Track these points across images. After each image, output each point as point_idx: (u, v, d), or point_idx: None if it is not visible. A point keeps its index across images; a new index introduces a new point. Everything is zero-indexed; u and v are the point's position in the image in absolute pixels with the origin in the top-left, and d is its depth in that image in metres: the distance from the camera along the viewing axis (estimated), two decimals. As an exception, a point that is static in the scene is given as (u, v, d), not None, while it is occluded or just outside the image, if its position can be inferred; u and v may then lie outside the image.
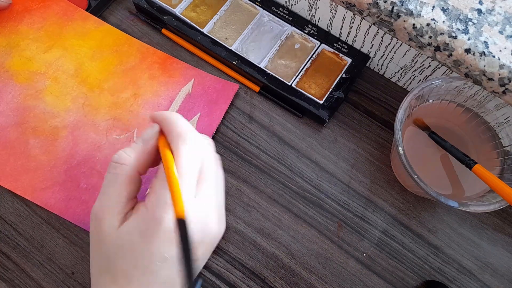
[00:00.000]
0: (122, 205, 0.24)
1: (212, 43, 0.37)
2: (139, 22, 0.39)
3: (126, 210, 0.24)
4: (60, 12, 0.37)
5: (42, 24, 0.37)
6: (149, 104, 0.35)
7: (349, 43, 0.37)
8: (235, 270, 0.31)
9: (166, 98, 0.36)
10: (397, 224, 0.33)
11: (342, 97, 0.35)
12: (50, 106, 0.34)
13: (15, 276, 0.31)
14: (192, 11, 0.38)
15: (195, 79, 0.36)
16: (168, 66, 0.37)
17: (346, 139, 0.36)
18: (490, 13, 0.28)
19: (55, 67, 0.36)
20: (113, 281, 0.24)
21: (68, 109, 0.35)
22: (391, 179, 0.34)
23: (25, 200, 0.32)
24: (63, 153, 0.33)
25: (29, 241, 0.32)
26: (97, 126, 0.34)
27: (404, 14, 0.28)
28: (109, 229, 0.24)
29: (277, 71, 0.36)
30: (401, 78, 0.37)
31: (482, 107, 0.32)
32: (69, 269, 0.31)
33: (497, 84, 0.27)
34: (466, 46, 0.27)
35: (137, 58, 0.37)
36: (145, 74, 0.36)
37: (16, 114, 0.34)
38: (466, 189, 0.31)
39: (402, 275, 0.32)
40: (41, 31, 0.36)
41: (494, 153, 0.31)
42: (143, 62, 0.36)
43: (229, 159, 0.35)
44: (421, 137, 0.32)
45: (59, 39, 0.36)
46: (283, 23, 0.38)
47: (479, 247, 0.33)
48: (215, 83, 0.36)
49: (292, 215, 0.33)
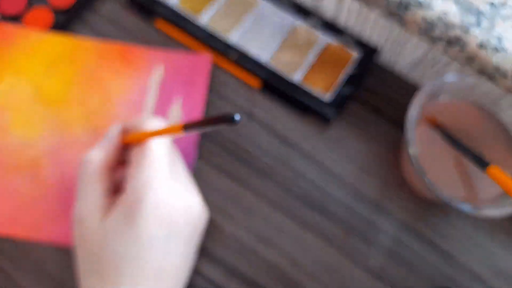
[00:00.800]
0: (100, 201, 0.26)
1: (209, 36, 0.37)
2: (131, 14, 0.39)
3: (105, 205, 0.26)
4: None
5: None
6: (123, 103, 0.35)
7: (356, 36, 0.37)
8: (233, 279, 0.32)
9: (140, 91, 0.36)
10: (407, 230, 0.33)
11: (348, 93, 0.35)
12: (22, 138, 0.34)
13: (3, 284, 0.31)
14: (189, 1, 0.38)
15: (163, 62, 0.36)
16: (129, 56, 0.36)
17: (353, 139, 0.36)
18: (503, 6, 0.28)
19: (12, 97, 0.35)
20: (102, 279, 0.24)
21: (41, 136, 0.34)
22: (400, 182, 0.35)
23: (11, 204, 0.32)
24: (53, 181, 0.33)
25: (18, 247, 0.31)
26: (79, 143, 0.34)
27: (414, 6, 0.28)
28: (92, 225, 0.25)
29: (280, 66, 0.36)
30: (411, 74, 0.37)
31: (496, 105, 0.32)
32: (58, 276, 0.31)
33: (511, 81, 0.27)
34: (478, 41, 0.27)
35: (94, 58, 0.36)
36: (108, 73, 0.36)
37: None
38: (480, 192, 0.31)
39: (412, 284, 0.32)
40: None
41: (509, 154, 0.31)
42: (102, 61, 0.36)
43: (228, 161, 0.35)
44: (432, 137, 0.32)
45: (7, 66, 0.35)
46: (286, 15, 0.38)
47: (492, 253, 0.33)
48: (185, 60, 0.36)
49: (295, 221, 0.33)
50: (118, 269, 0.24)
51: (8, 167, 0.33)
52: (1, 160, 0.33)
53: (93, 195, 0.26)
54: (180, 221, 0.26)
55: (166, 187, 0.25)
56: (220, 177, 0.34)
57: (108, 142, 0.28)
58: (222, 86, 0.37)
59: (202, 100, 0.35)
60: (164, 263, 0.25)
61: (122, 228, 0.24)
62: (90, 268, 0.25)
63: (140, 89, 0.36)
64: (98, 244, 0.25)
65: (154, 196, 0.24)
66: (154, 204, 0.24)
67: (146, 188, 0.24)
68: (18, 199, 0.32)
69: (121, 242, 0.24)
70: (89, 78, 0.36)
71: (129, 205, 0.25)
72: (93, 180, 0.26)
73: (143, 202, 0.24)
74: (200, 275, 0.31)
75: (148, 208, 0.24)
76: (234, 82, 0.37)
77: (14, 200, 0.32)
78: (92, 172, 0.26)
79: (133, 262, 0.24)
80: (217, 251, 0.32)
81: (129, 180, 0.25)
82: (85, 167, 0.27)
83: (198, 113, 0.35)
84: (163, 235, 0.25)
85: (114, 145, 0.28)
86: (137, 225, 0.24)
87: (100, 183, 0.26)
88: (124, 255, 0.24)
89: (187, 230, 0.27)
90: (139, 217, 0.24)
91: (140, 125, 0.27)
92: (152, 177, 0.25)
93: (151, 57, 0.36)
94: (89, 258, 0.25)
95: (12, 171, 0.33)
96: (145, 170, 0.25)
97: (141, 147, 0.26)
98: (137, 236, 0.24)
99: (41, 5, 0.37)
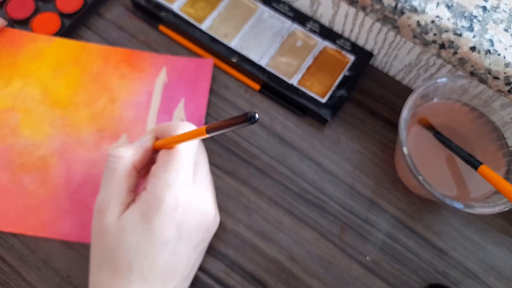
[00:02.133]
0: (123, 197, 0.26)
1: (211, 40, 0.37)
2: (136, 19, 0.39)
3: (127, 201, 0.26)
4: (7, 42, 0.36)
5: None
6: (129, 105, 0.36)
7: (352, 40, 0.38)
8: (234, 274, 0.32)
9: (144, 94, 0.36)
10: (401, 227, 0.34)
11: (345, 95, 0.36)
12: (30, 138, 0.34)
13: (10, 279, 0.31)
14: (191, 7, 0.39)
15: (167, 65, 0.37)
16: (134, 61, 0.37)
17: (349, 139, 0.36)
18: (495, 10, 0.28)
19: (21, 99, 0.35)
20: (113, 274, 0.25)
21: (49, 136, 0.34)
22: (395, 180, 0.35)
23: (19, 202, 0.33)
24: (61, 180, 0.33)
25: (24, 243, 0.32)
26: (85, 143, 0.34)
27: (408, 10, 0.28)
28: (111, 219, 0.25)
29: (278, 69, 0.37)
30: (405, 76, 0.37)
31: (487, 106, 0.32)
32: (65, 272, 0.31)
33: (503, 82, 0.28)
34: (471, 44, 0.27)
35: (100, 62, 0.37)
36: (114, 76, 0.36)
37: None
38: (471, 190, 0.32)
39: (406, 278, 0.32)
40: None
41: (500, 154, 0.32)
42: (108, 65, 0.37)
43: (228, 160, 0.35)
44: (425, 137, 0.33)
45: (16, 69, 0.36)
46: (284, 20, 0.38)
47: (484, 249, 0.33)
48: (188, 64, 0.37)
49: (293, 218, 0.34)
50: (130, 265, 0.24)
51: (16, 168, 0.33)
52: (10, 160, 0.34)
53: (117, 192, 0.26)
54: (193, 226, 0.26)
55: (187, 192, 0.25)
56: (221, 175, 0.35)
57: (140, 144, 0.28)
58: (223, 88, 0.37)
59: (204, 102, 0.36)
60: (172, 264, 0.25)
61: (138, 224, 0.24)
62: (103, 260, 0.25)
63: (146, 92, 0.36)
64: (114, 238, 0.25)
65: (174, 199, 0.24)
66: (173, 206, 0.24)
67: (168, 189, 0.24)
68: (27, 198, 0.33)
69: (135, 238, 0.24)
70: (95, 80, 0.36)
71: (148, 202, 0.24)
72: (118, 176, 0.26)
73: (162, 203, 0.24)
74: (202, 270, 0.32)
75: (165, 209, 0.24)
76: (235, 84, 0.38)
77: (22, 199, 0.33)
78: (119, 167, 0.26)
79: (144, 260, 0.24)
80: (218, 246, 0.33)
81: (152, 179, 0.25)
82: (114, 161, 0.26)
83: (201, 114, 0.36)
84: (175, 237, 0.25)
85: (146, 148, 0.27)
86: (152, 224, 0.24)
87: (126, 180, 0.26)
88: (137, 252, 0.24)
89: (199, 235, 0.27)
90: (156, 217, 0.24)
91: (171, 130, 0.27)
92: (175, 180, 0.25)
93: (155, 60, 0.37)
94: (103, 252, 0.25)
95: (20, 171, 0.33)
96: (169, 171, 0.25)
97: (169, 150, 0.26)
98: (151, 234, 0.24)
99: (48, 10, 0.38)
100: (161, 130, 0.28)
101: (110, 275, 0.25)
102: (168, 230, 0.24)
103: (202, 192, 0.27)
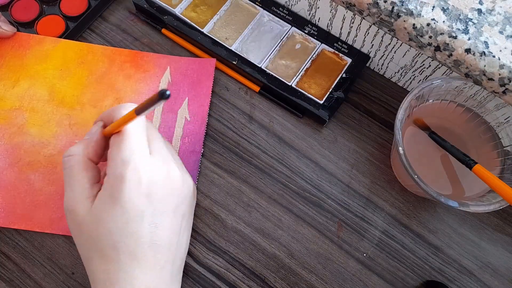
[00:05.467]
0: (87, 191, 0.25)
1: (212, 43, 0.37)
2: (139, 22, 0.39)
3: (93, 194, 0.26)
4: (15, 45, 0.36)
5: (1, 62, 0.36)
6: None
7: (349, 43, 0.37)
8: (235, 270, 0.32)
9: (149, 93, 0.36)
10: (397, 224, 0.33)
11: (342, 97, 0.35)
12: (37, 137, 0.34)
13: (15, 276, 0.31)
14: (192, 11, 0.38)
15: (170, 66, 0.36)
16: (139, 61, 0.37)
17: (346, 139, 0.36)
18: (490, 13, 0.28)
19: (28, 98, 0.35)
20: (103, 259, 0.24)
21: (56, 134, 0.34)
22: (391, 179, 0.35)
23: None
24: None
25: (29, 241, 0.32)
26: None
27: (404, 14, 0.28)
28: (83, 212, 0.25)
29: (278, 71, 0.36)
30: (401, 78, 0.37)
31: (482, 107, 0.32)
32: (69, 269, 0.31)
33: (497, 84, 0.27)
34: (466, 46, 0.27)
35: (105, 63, 0.36)
36: (119, 77, 0.36)
37: (6, 155, 0.33)
38: (466, 189, 0.31)
39: (402, 275, 0.32)
40: (3, 68, 0.36)
41: (494, 153, 0.31)
42: (113, 65, 0.36)
43: (229, 159, 0.35)
44: (421, 137, 0.32)
45: (23, 70, 0.36)
46: (283, 23, 0.38)
47: (479, 247, 0.33)
48: (191, 64, 0.37)
49: (292, 215, 0.33)
50: (115, 246, 0.24)
51: (24, 165, 0.33)
52: (18, 158, 0.33)
53: (80, 187, 0.25)
54: (164, 194, 0.26)
55: (145, 163, 0.25)
56: (223, 174, 0.34)
57: (89, 136, 0.27)
58: (224, 90, 0.37)
59: (207, 100, 0.36)
60: (156, 235, 0.25)
61: (110, 207, 0.24)
62: (90, 251, 0.25)
63: (150, 91, 0.36)
64: (92, 227, 0.25)
65: (134, 172, 0.24)
66: (136, 179, 0.24)
67: (125, 166, 0.24)
68: (34, 195, 0.32)
69: (112, 220, 0.24)
70: (101, 80, 0.36)
71: (111, 183, 0.24)
72: (76, 173, 0.26)
73: (123, 179, 0.24)
74: (203, 266, 0.32)
75: (129, 185, 0.24)
76: (235, 86, 0.37)
77: (29, 196, 0.32)
78: (74, 164, 0.26)
79: (127, 237, 0.24)
80: (219, 243, 0.32)
81: (109, 162, 0.25)
82: (68, 161, 0.26)
83: (204, 112, 0.35)
84: (149, 208, 0.25)
85: (95, 139, 0.27)
86: (122, 202, 0.24)
87: (84, 174, 0.26)
88: (118, 232, 0.24)
89: (173, 201, 0.26)
90: (122, 194, 0.24)
91: (115, 113, 0.27)
92: (130, 156, 0.24)
93: (160, 61, 0.37)
94: (87, 243, 0.25)
95: (28, 168, 0.33)
96: (123, 150, 0.24)
97: (118, 133, 0.26)
98: (124, 212, 0.24)
99: (53, 13, 0.38)
100: (107, 117, 0.28)
101: (100, 262, 0.25)
102: (139, 203, 0.24)
103: (162, 161, 0.26)
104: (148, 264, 0.25)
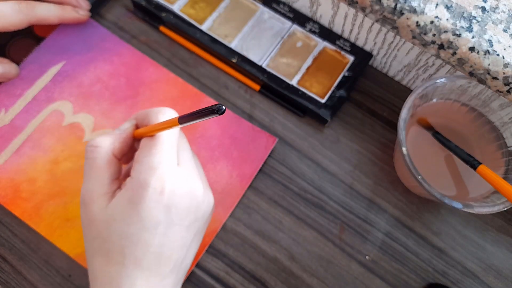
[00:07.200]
0: (106, 186, 0.25)
1: (211, 40, 0.37)
2: (137, 20, 0.39)
3: (112, 190, 0.25)
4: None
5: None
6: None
7: (352, 41, 0.37)
8: (234, 274, 0.32)
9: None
10: (401, 226, 0.33)
11: (344, 96, 0.35)
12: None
13: (11, 279, 0.31)
14: (191, 8, 0.38)
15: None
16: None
17: (348, 139, 0.36)
18: (494, 11, 0.28)
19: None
20: (107, 260, 0.24)
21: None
22: (394, 180, 0.35)
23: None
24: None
25: (25, 243, 0.32)
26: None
27: (408, 11, 0.28)
28: (98, 209, 0.25)
29: (278, 70, 0.36)
30: (404, 77, 0.37)
31: (486, 106, 0.32)
32: (66, 271, 0.31)
33: (502, 83, 0.27)
34: (470, 44, 0.27)
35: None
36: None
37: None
38: (470, 190, 0.31)
39: (405, 278, 0.32)
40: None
41: (499, 153, 0.32)
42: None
43: (229, 160, 0.35)
44: (424, 137, 0.32)
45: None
46: (284, 20, 0.38)
47: (483, 249, 0.33)
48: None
49: (293, 217, 0.33)
50: (122, 251, 0.24)
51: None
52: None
53: (100, 182, 0.25)
54: (183, 207, 0.25)
55: (172, 174, 0.25)
56: (221, 175, 0.34)
57: (118, 132, 0.27)
58: (223, 88, 0.37)
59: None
60: (166, 247, 0.25)
61: (126, 210, 0.24)
62: (96, 249, 0.25)
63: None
64: (103, 226, 0.24)
65: (159, 182, 0.24)
66: (159, 189, 0.24)
67: (152, 173, 0.24)
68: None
69: (125, 224, 0.24)
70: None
71: (133, 188, 0.24)
72: (98, 165, 0.25)
73: (147, 187, 0.24)
74: (202, 269, 0.32)
75: (151, 193, 0.24)
76: (235, 85, 0.37)
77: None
78: (98, 156, 0.26)
79: (136, 245, 0.24)
80: (218, 246, 0.32)
81: (136, 165, 0.25)
82: (92, 151, 0.26)
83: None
84: (165, 220, 0.25)
85: (124, 136, 0.27)
86: (140, 209, 0.24)
87: (107, 168, 0.26)
88: (128, 237, 0.24)
89: (190, 216, 0.26)
90: (142, 201, 0.24)
91: (151, 116, 0.27)
92: (159, 163, 0.24)
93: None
94: (95, 239, 0.25)
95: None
96: (153, 155, 0.24)
97: (151, 137, 0.25)
98: (140, 219, 0.24)
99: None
100: (141, 117, 0.28)
101: (104, 262, 0.24)
102: (156, 213, 0.24)
103: (188, 173, 0.26)
104: (152, 273, 0.25)
